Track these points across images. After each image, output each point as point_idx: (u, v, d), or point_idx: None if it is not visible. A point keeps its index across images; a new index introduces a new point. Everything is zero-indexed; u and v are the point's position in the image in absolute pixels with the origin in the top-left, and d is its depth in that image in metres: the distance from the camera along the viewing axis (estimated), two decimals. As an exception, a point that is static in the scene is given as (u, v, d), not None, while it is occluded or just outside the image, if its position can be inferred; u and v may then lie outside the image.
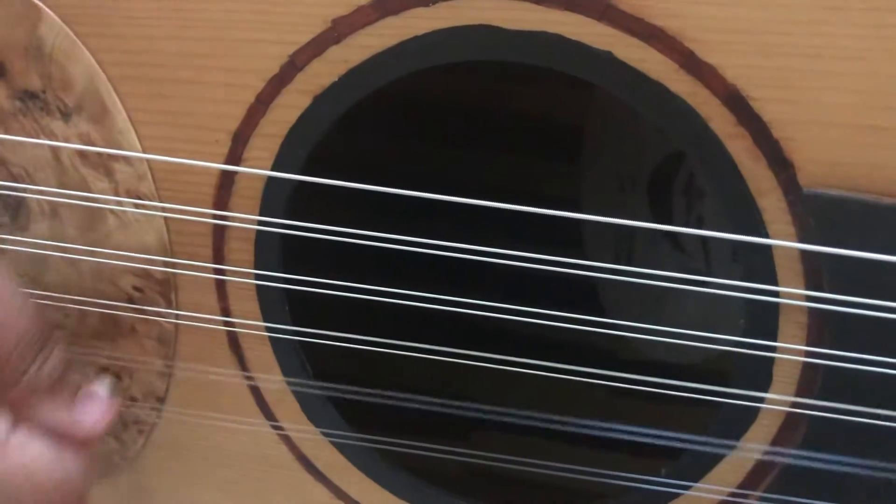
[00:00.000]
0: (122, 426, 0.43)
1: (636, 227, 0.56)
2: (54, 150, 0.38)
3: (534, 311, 0.35)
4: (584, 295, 0.53)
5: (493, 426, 0.41)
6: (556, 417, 0.39)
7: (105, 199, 0.38)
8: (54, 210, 0.39)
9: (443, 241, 0.34)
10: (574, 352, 0.37)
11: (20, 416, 0.34)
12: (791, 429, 0.34)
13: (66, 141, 0.37)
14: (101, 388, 0.35)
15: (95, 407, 0.35)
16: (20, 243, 0.40)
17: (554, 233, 0.39)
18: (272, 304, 0.38)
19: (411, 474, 0.41)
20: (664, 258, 0.56)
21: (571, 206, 0.33)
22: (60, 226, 0.39)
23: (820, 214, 0.31)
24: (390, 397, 0.39)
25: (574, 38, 0.31)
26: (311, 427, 0.41)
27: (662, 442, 0.37)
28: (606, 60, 0.31)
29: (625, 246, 0.57)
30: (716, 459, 0.36)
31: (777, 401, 0.34)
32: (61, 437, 0.34)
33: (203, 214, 0.37)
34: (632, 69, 0.31)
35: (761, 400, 0.34)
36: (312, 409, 0.40)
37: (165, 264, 0.38)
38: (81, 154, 0.38)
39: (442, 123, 0.55)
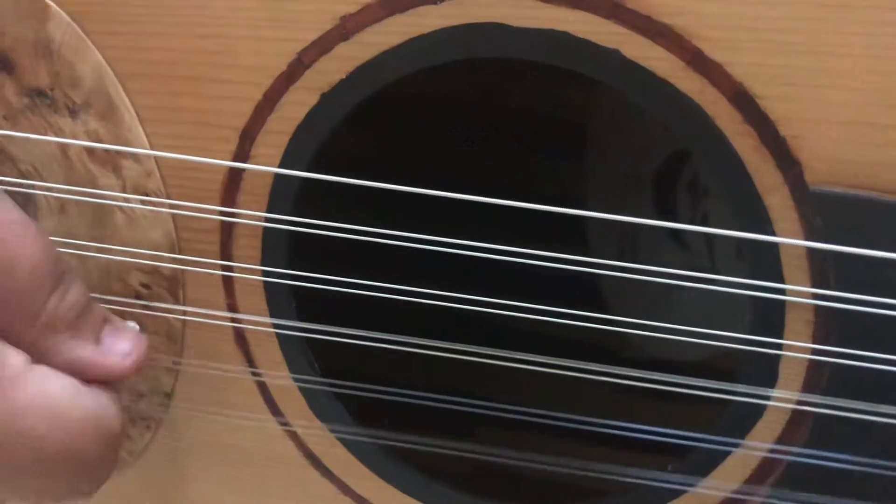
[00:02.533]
0: (129, 422, 0.43)
1: (641, 226, 0.56)
2: (62, 147, 0.38)
3: (543, 308, 0.35)
4: (588, 293, 0.53)
5: (499, 423, 0.41)
6: (563, 415, 0.39)
7: (113, 196, 0.38)
8: (62, 207, 0.39)
9: (450, 238, 0.34)
10: (579, 350, 0.37)
11: (41, 355, 0.31)
12: (797, 426, 0.35)
13: (74, 138, 0.38)
14: (129, 324, 0.34)
15: (124, 340, 0.33)
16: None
17: (559, 231, 0.40)
18: (279, 301, 0.38)
19: (418, 471, 0.41)
20: (669, 257, 0.56)
21: (576, 205, 0.33)
22: (68, 222, 0.39)
23: (826, 212, 0.31)
24: (397, 394, 0.39)
25: (582, 36, 0.32)
26: (318, 423, 0.41)
27: (668, 439, 0.37)
28: (614, 59, 0.31)
29: (629, 245, 0.57)
30: (722, 456, 0.36)
31: (783, 398, 0.34)
32: (88, 374, 0.32)
33: (210, 211, 0.37)
34: (639, 67, 0.31)
35: (767, 397, 0.34)
36: (319, 406, 0.40)
37: (173, 261, 0.39)
38: (89, 151, 0.38)
39: (449, 121, 0.55)
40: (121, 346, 0.33)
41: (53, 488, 0.31)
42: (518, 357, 0.37)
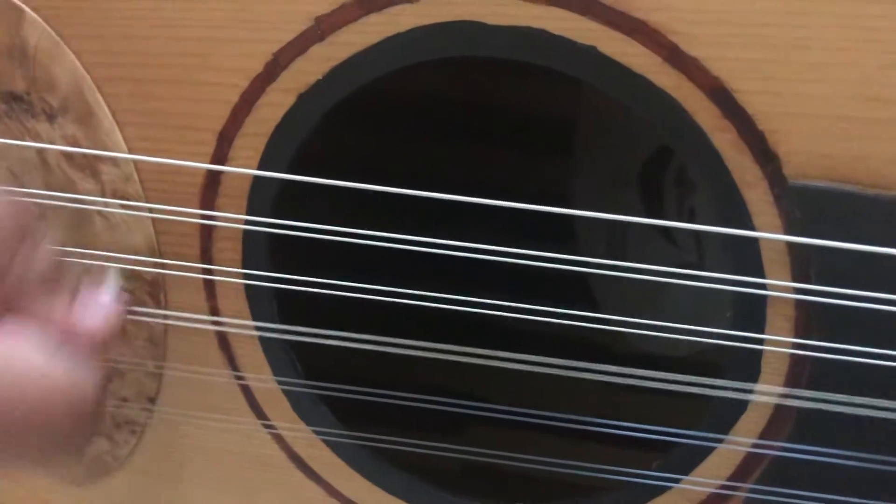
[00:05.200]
0: (113, 426, 0.43)
1: (629, 224, 0.56)
2: (40, 152, 0.38)
3: (526, 307, 0.35)
4: (576, 290, 0.53)
5: (485, 422, 0.41)
6: (548, 413, 0.39)
7: (92, 201, 0.38)
8: (41, 212, 0.39)
9: (432, 238, 0.34)
10: (566, 347, 0.37)
11: (11, 312, 0.28)
12: (780, 421, 0.34)
13: (52, 143, 0.37)
14: (105, 291, 0.30)
15: (97, 307, 0.30)
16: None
17: (546, 229, 0.39)
18: (261, 304, 0.38)
19: (404, 471, 0.41)
20: (657, 253, 0.56)
21: (563, 202, 0.33)
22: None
23: (805, 206, 0.31)
24: (381, 395, 0.39)
25: (558, 33, 0.31)
26: (303, 426, 0.41)
27: (652, 436, 0.37)
28: (591, 55, 0.31)
29: (617, 241, 0.57)
30: (706, 452, 0.36)
31: (765, 392, 0.34)
32: (61, 336, 0.28)
33: (190, 214, 0.37)
34: (616, 63, 0.31)
35: (750, 392, 0.34)
36: (303, 408, 0.40)
37: (153, 265, 0.38)
38: (67, 156, 0.38)
39: (427, 120, 0.55)
40: (94, 312, 0.30)
41: (22, 457, 0.29)
42: (504, 356, 0.36)
